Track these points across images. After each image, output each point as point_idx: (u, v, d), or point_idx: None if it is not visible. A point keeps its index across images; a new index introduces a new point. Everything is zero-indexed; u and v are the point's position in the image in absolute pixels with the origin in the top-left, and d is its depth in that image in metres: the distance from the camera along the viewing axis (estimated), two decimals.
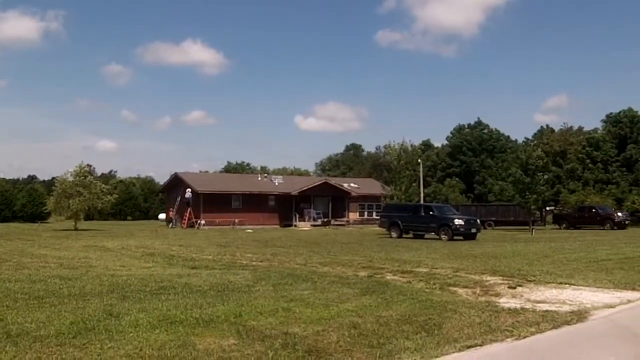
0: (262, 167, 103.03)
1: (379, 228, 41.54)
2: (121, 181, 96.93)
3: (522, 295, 11.23)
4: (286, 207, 57.94)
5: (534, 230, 42.15)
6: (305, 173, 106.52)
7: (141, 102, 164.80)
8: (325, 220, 58.27)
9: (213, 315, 8.53)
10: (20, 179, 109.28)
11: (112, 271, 15.12)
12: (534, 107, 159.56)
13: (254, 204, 56.30)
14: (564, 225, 51.61)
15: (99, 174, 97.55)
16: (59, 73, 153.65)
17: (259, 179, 64.51)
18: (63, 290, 11.15)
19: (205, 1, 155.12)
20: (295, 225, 55.91)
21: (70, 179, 47.96)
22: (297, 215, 57.78)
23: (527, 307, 9.88)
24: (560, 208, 61.61)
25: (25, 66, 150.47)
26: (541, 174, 45.02)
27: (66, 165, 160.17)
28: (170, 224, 56.63)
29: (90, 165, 52.76)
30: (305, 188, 58.65)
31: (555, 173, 66.28)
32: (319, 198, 60.13)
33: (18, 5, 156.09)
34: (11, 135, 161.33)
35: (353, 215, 62.40)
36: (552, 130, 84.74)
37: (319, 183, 61.62)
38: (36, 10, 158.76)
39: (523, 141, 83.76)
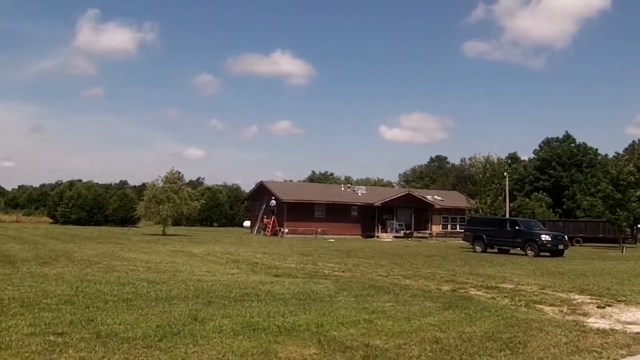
0: (345, 178, 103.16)
1: (462, 241, 40.86)
2: (208, 188, 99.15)
3: (611, 316, 10.79)
4: (368, 218, 57.83)
5: (624, 248, 40.53)
6: (388, 184, 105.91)
7: (229, 111, 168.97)
8: (408, 232, 57.79)
9: (295, 323, 8.56)
10: (112, 184, 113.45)
11: (198, 276, 15.44)
12: (626, 120, 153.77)
13: (337, 214, 56.48)
14: None
15: (187, 181, 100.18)
16: (152, 82, 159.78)
17: (342, 189, 64.59)
18: (150, 293, 11.44)
19: (295, 13, 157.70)
20: (377, 237, 55.70)
21: (161, 184, 49.44)
22: (380, 226, 57.55)
23: (617, 328, 9.48)
24: None
25: (121, 75, 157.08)
26: (633, 190, 43.27)
27: (155, 171, 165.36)
28: (256, 231, 57.52)
29: (179, 172, 54.30)
30: (388, 199, 58.44)
31: None
32: (402, 209, 59.70)
33: (116, 18, 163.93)
34: (105, 142, 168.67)
35: (436, 228, 61.70)
36: None
37: (402, 194, 61.23)
38: (133, 21, 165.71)
39: (613, 156, 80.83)
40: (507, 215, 53.16)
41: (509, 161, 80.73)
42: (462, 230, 43.29)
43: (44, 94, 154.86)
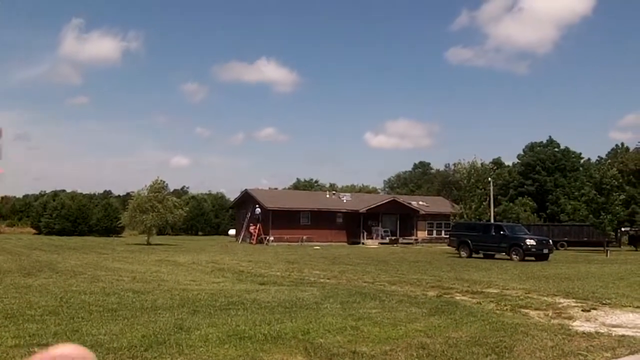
0: (330, 185, 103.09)
1: (447, 247, 40.96)
2: (193, 197, 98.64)
3: (596, 319, 10.86)
4: (354, 225, 57.85)
5: (608, 252, 40.79)
6: (374, 191, 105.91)
7: (215, 118, 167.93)
8: (393, 238, 57.88)
9: (281, 331, 8.55)
10: (96, 193, 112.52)
11: (183, 286, 15.38)
12: (609, 125, 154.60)
13: (322, 221, 56.46)
14: None
15: (172, 190, 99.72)
16: (138, 90, 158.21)
17: (327, 196, 64.62)
18: (135, 303, 11.39)
19: (279, 21, 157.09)
20: (363, 243, 55.71)
21: (145, 193, 49.19)
22: (365, 233, 57.58)
23: (602, 331, 9.53)
24: (637, 229, 59.48)
25: (106, 84, 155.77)
26: (617, 193, 43.59)
27: (140, 180, 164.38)
28: (241, 239, 57.38)
29: (164, 181, 54.02)
30: (374, 206, 58.50)
31: (630, 193, 64.16)
32: (387, 216, 59.79)
33: (102, 26, 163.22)
34: (90, 150, 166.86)
35: (421, 234, 61.83)
36: (627, 149, 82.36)
37: (387, 201, 61.33)
38: (118, 30, 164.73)
39: (596, 160, 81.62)
40: (492, 220, 53.34)
41: (495, 167, 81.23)
42: (448, 236, 43.43)
43: (28, 103, 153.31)
